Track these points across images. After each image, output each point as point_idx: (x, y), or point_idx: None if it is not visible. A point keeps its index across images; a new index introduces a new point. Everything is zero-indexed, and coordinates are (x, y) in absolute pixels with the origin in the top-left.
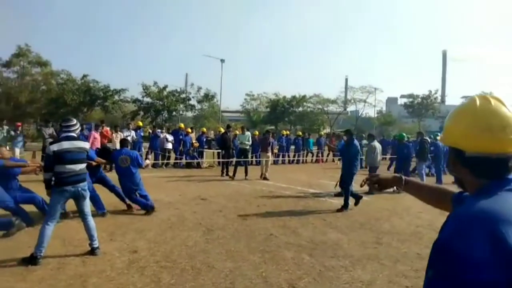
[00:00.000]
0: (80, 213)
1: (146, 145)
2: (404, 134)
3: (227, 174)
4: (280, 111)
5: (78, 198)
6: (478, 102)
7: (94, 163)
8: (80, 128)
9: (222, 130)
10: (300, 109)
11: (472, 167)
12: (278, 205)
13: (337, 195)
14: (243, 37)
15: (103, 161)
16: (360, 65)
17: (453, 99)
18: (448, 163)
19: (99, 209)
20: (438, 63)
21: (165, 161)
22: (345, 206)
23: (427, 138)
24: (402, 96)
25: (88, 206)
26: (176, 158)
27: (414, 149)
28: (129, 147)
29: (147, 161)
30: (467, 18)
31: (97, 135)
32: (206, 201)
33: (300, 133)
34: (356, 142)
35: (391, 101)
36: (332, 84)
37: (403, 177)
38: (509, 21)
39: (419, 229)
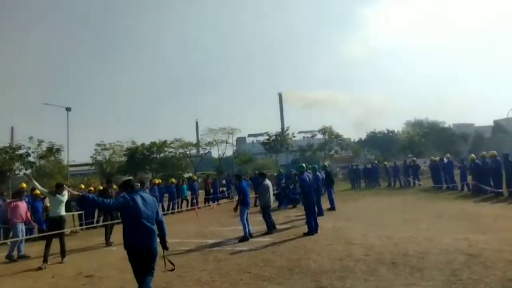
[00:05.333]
0: None
1: None
2: (304, 165)
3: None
4: (139, 159)
5: None
6: None
7: None
8: None
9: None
10: (162, 155)
11: None
12: (188, 265)
13: (241, 240)
14: (89, 85)
15: None
16: (212, 109)
17: (299, 134)
18: None
19: None
20: (276, 104)
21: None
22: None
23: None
24: (250, 135)
25: None
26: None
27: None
28: None
29: None
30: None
31: None
32: (95, 277)
33: (174, 180)
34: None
35: (240, 140)
36: (192, 128)
37: None
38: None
39: (345, 263)
